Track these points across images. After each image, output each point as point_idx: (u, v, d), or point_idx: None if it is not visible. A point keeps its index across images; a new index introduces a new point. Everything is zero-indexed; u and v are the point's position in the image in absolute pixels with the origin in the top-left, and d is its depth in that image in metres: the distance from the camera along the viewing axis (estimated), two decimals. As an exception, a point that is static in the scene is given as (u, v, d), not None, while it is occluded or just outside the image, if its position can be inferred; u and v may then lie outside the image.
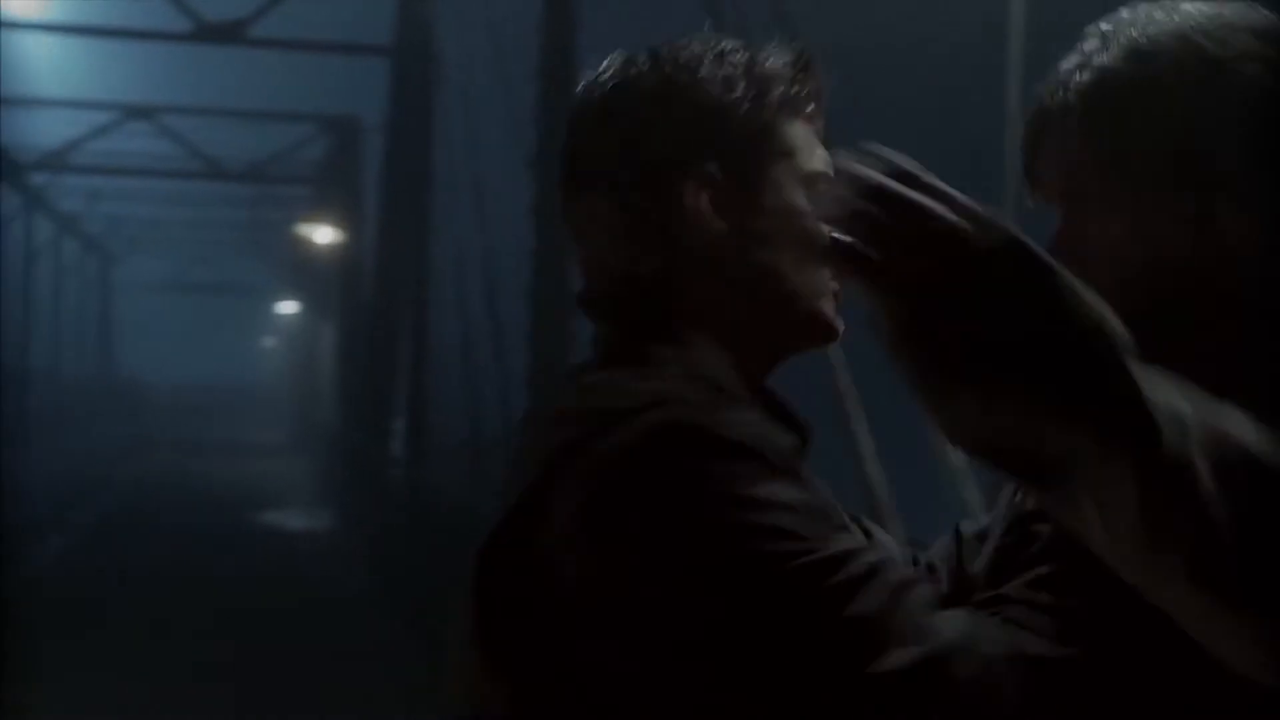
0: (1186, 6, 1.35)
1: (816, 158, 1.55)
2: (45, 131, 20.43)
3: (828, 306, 1.53)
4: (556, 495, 1.35)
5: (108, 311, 40.93)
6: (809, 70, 1.57)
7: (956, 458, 3.98)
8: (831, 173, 1.44)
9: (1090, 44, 1.37)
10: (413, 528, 11.53)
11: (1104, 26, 1.37)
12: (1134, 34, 1.34)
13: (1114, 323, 1.06)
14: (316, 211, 23.20)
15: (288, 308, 38.23)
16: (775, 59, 1.56)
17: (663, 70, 1.54)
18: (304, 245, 24.67)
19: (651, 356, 1.47)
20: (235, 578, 12.67)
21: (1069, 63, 1.38)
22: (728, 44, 1.57)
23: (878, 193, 1.10)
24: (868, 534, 1.58)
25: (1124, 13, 1.37)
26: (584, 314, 1.58)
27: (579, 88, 1.60)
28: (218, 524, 16.84)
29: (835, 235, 1.11)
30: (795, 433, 1.49)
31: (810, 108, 1.57)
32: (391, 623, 10.79)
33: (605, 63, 1.59)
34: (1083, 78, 1.36)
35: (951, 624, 1.23)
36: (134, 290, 44.50)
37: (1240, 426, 1.05)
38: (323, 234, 21.78)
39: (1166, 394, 1.05)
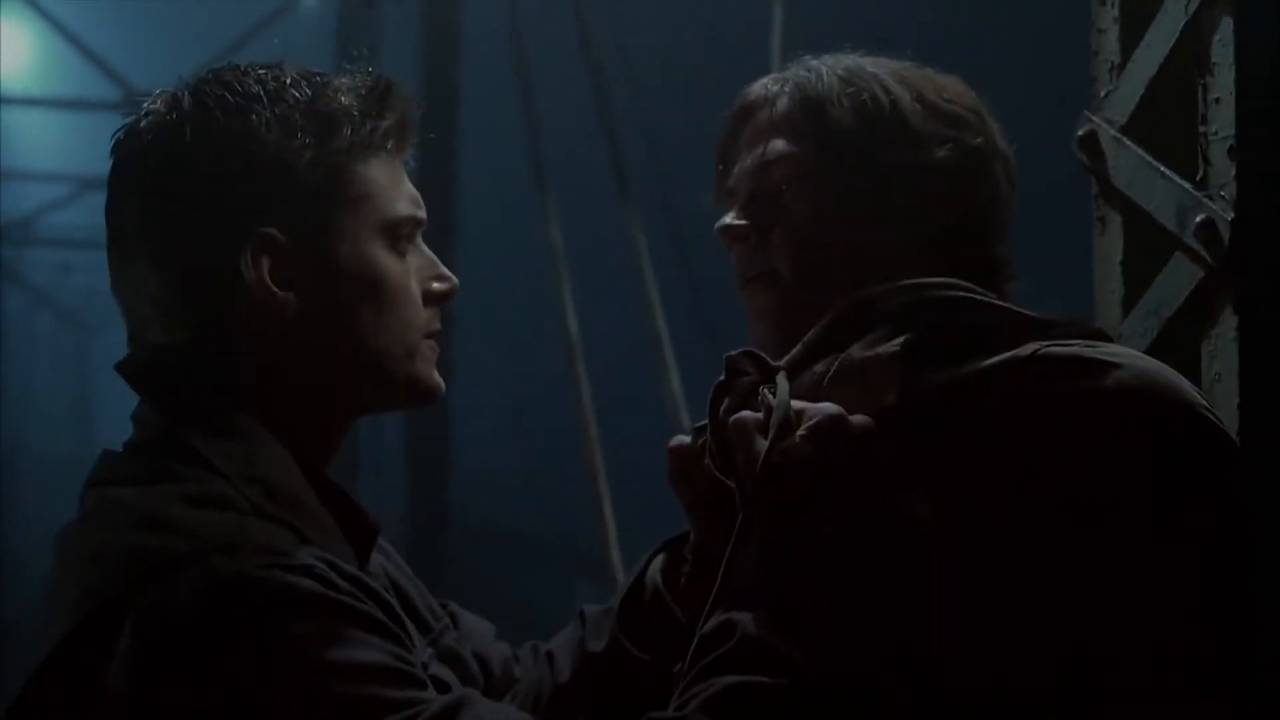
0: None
1: (401, 198, 1.33)
2: (5, 205, 20.27)
3: (421, 366, 1.32)
4: (105, 656, 1.13)
5: (85, 386, 40.88)
6: (386, 101, 1.33)
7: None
8: (420, 212, 1.30)
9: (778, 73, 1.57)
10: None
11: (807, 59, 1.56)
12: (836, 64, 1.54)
13: None
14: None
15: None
16: (344, 93, 1.31)
17: (210, 117, 1.27)
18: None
19: (198, 453, 1.24)
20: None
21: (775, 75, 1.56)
22: (290, 75, 1.30)
23: None
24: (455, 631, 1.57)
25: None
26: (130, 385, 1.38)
27: (119, 132, 1.34)
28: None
29: None
30: (365, 531, 1.33)
31: (391, 143, 1.33)
32: None
33: (149, 101, 1.33)
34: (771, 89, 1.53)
35: None
36: (111, 365, 44.50)
37: None
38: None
39: None
